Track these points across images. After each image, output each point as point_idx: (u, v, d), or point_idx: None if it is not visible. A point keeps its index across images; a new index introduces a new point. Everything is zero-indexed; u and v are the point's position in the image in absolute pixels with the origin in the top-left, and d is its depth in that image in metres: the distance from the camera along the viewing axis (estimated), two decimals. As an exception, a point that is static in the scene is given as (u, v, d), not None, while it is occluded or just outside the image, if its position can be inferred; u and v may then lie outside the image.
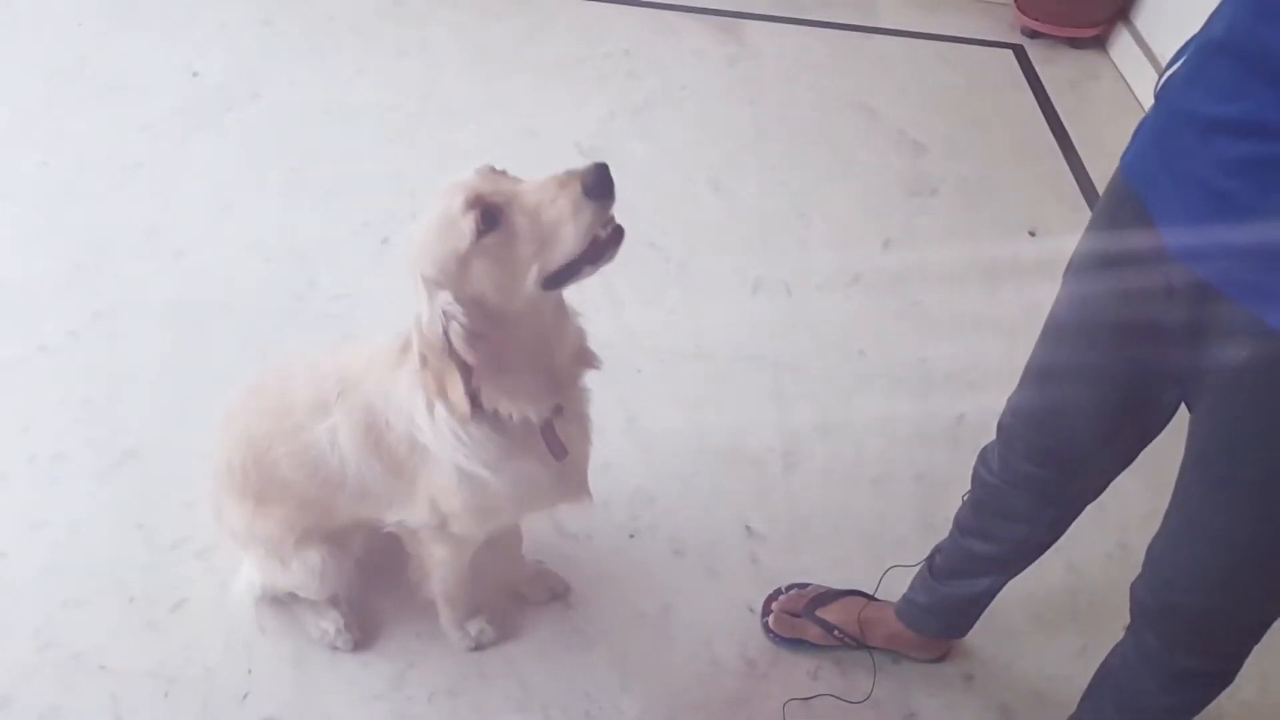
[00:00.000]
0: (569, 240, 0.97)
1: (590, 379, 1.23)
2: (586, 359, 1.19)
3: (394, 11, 3.05)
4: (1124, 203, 0.99)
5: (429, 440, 1.14)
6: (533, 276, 1.00)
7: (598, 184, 0.96)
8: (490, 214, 0.97)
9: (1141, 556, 1.12)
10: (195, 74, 2.69)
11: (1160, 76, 0.96)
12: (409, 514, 1.28)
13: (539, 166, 1.03)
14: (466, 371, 1.02)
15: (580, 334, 1.18)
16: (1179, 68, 0.92)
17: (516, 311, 1.03)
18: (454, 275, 0.99)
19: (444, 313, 0.99)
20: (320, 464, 1.24)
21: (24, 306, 2.02)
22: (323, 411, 1.22)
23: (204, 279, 2.13)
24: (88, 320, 2.00)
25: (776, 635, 1.61)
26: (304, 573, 1.38)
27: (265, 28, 2.91)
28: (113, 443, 1.78)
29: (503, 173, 1.03)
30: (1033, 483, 1.24)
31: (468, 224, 0.96)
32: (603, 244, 1.01)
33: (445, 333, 1.00)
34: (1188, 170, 0.88)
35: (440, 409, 1.09)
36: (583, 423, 1.25)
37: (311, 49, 2.85)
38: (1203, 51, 0.89)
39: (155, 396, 1.87)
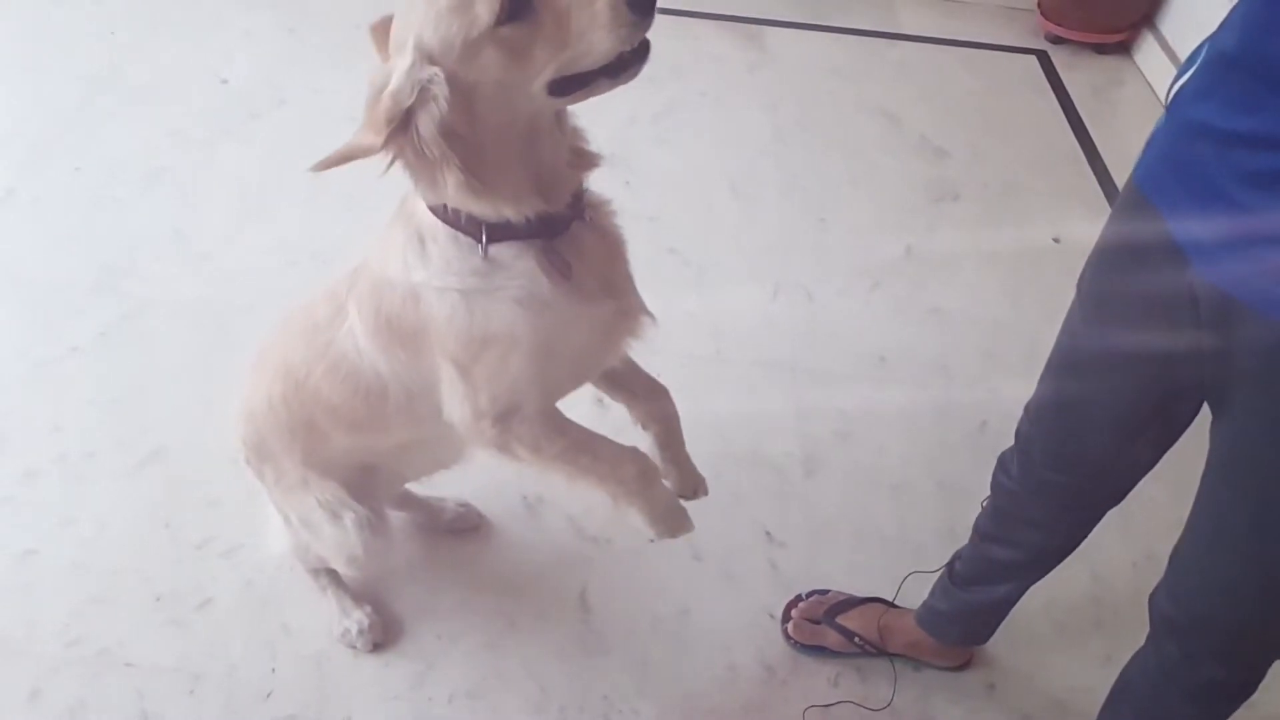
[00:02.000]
0: (597, 48, 0.87)
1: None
2: (585, 160, 1.03)
3: (418, 19, 3.09)
4: (1140, 211, 0.99)
5: (421, 275, 1.01)
6: (543, 79, 0.89)
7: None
8: (519, 1, 0.86)
9: (1167, 565, 1.11)
10: (224, 81, 2.73)
11: (1170, 87, 0.96)
12: (456, 404, 1.09)
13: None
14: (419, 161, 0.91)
15: (576, 134, 1.03)
16: (1189, 79, 0.92)
17: (509, 112, 0.92)
18: (455, 56, 0.87)
19: (424, 88, 0.86)
20: (357, 374, 1.14)
21: (56, 308, 2.06)
22: (341, 315, 1.14)
23: (230, 282, 2.16)
24: (117, 322, 2.03)
25: (796, 642, 1.60)
26: (354, 529, 1.32)
27: (291, 36, 2.95)
28: (140, 442, 1.81)
29: None
30: (1051, 489, 1.23)
31: (489, 6, 0.85)
32: (627, 59, 0.90)
33: (411, 110, 0.87)
34: (1205, 182, 0.88)
35: (422, 228, 1.00)
36: (607, 237, 1.09)
37: (336, 56, 2.88)
38: (1215, 64, 0.89)
39: (182, 397, 1.89)
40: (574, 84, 0.91)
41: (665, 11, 0.88)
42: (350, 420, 1.22)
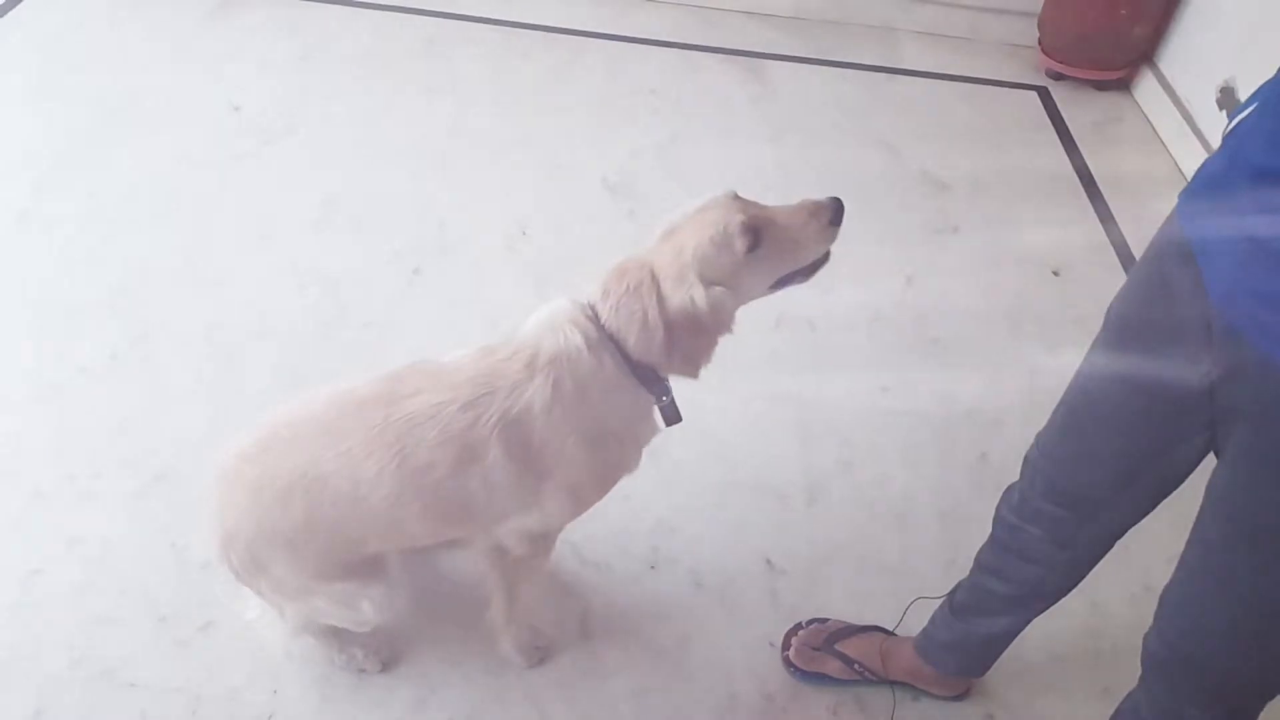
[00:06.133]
0: (808, 257, 1.26)
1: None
2: None
3: (425, 50, 3.14)
4: (1173, 243, 0.99)
5: (635, 411, 1.33)
6: (771, 280, 1.25)
7: (839, 214, 1.24)
8: (756, 233, 1.19)
9: (1165, 599, 1.11)
10: (237, 108, 2.78)
11: (1231, 119, 0.96)
12: (541, 521, 1.32)
13: (567, 201, 1.06)
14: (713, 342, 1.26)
15: None
16: (1249, 113, 0.93)
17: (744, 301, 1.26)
18: (727, 276, 1.21)
19: (722, 297, 1.20)
20: (455, 506, 1.25)
21: (66, 330, 2.08)
22: (472, 460, 1.21)
23: (239, 307, 2.18)
24: (126, 345, 2.06)
25: (797, 668, 1.60)
26: (372, 610, 1.34)
27: (303, 64, 3.01)
28: (147, 464, 1.83)
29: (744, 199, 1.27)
30: (1046, 521, 1.24)
31: (742, 243, 1.18)
32: (817, 261, 1.28)
33: (719, 312, 1.20)
34: (1233, 216, 0.89)
35: (609, 381, 1.25)
36: None
37: (346, 86, 2.94)
38: (1267, 102, 0.90)
39: (189, 420, 1.91)
40: (787, 282, 1.27)
41: (669, 45, 0.92)
42: (388, 538, 1.32)
